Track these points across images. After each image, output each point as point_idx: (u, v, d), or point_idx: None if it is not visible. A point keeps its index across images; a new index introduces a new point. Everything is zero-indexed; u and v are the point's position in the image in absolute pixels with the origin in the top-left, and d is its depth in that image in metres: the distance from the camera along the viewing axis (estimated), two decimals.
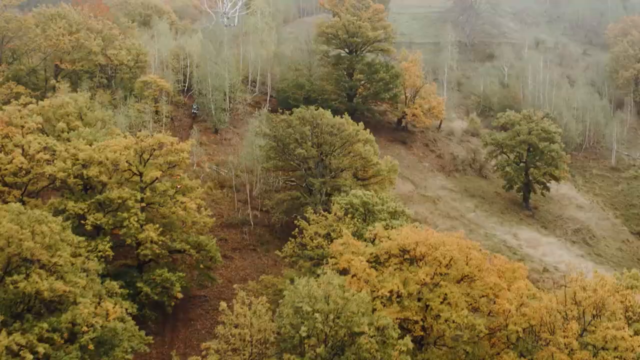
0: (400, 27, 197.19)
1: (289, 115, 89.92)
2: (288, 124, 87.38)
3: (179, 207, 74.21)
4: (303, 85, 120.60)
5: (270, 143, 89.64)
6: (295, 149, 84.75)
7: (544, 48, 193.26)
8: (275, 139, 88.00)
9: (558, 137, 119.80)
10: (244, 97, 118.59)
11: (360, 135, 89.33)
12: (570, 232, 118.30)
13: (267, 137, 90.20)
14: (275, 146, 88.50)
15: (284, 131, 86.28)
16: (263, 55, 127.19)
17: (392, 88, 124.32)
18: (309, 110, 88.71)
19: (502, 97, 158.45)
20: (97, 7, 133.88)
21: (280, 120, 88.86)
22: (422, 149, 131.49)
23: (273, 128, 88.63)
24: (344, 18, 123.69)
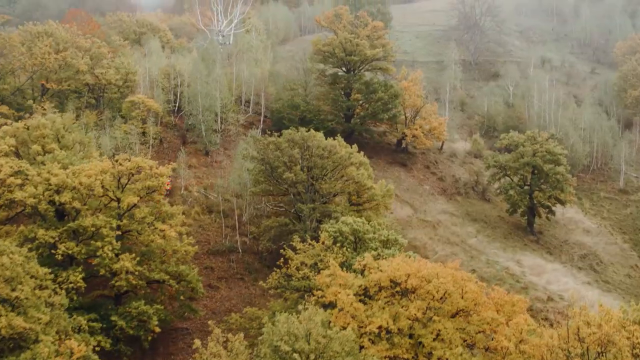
0: (403, 45, 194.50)
1: (278, 137, 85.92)
2: (277, 146, 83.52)
3: (158, 235, 70.35)
4: (298, 105, 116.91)
5: (258, 166, 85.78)
6: (283, 173, 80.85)
7: (551, 67, 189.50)
8: (263, 162, 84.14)
9: (564, 159, 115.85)
10: (237, 118, 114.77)
11: (353, 158, 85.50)
12: (576, 258, 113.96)
13: (254, 160, 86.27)
14: (264, 170, 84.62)
15: (272, 154, 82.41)
16: (257, 75, 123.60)
17: (391, 108, 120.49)
18: (299, 132, 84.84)
19: (506, 117, 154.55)
20: (88, 24, 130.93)
21: (269, 142, 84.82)
22: (422, 171, 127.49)
23: (261, 151, 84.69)
24: (341, 36, 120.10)
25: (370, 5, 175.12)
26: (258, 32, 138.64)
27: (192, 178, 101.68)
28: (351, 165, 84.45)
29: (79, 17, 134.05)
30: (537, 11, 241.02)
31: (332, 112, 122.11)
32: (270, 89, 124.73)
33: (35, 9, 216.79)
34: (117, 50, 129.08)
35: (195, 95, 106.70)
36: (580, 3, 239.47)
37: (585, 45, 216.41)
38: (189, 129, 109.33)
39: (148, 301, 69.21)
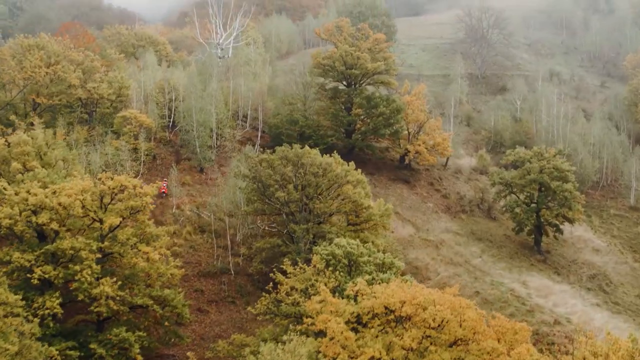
0: (409, 58, 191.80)
1: (271, 155, 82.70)
2: (269, 164, 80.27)
3: (141, 257, 67.10)
4: (297, 120, 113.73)
5: (250, 185, 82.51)
6: (275, 191, 77.55)
7: (559, 80, 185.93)
8: (255, 180, 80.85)
9: (572, 176, 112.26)
10: (233, 134, 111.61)
11: (349, 176, 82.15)
12: (585, 279, 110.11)
13: (246, 178, 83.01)
14: (256, 188, 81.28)
15: (264, 172, 79.13)
16: (255, 89, 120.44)
17: (392, 123, 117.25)
18: (293, 149, 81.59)
19: (513, 132, 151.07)
20: (83, 37, 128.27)
21: (261, 160, 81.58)
22: (426, 188, 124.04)
23: (252, 169, 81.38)
24: (341, 48, 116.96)
25: (374, 17, 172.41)
26: (257, 45, 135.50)
27: (185, 196, 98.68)
28: (347, 183, 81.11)
29: (74, 29, 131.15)
30: (546, 24, 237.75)
31: (333, 128, 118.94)
32: (269, 103, 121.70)
33: (37, 22, 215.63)
34: (112, 63, 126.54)
35: (189, 110, 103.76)
36: (590, 15, 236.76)
37: (595, 58, 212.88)
38: (183, 145, 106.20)
39: (131, 327, 65.86)
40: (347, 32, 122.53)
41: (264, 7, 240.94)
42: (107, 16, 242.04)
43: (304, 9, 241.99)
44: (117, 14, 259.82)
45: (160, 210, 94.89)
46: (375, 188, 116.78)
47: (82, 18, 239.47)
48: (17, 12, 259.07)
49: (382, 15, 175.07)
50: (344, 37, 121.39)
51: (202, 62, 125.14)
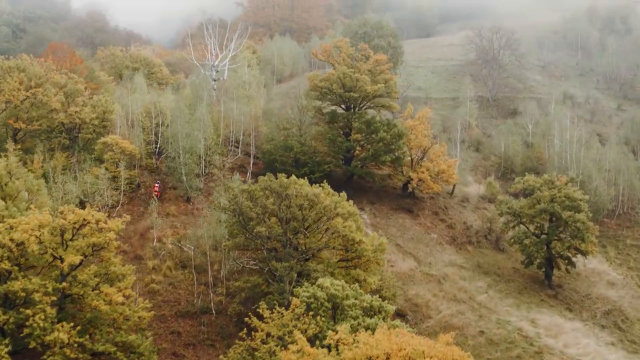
0: (417, 81, 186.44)
1: (252, 185, 76.84)
2: (250, 195, 74.31)
3: (102, 300, 61.24)
4: (291, 146, 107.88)
5: (231, 218, 76.58)
6: (256, 226, 71.59)
7: (574, 103, 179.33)
8: (235, 213, 74.91)
9: (585, 205, 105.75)
10: (222, 161, 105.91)
11: (340, 208, 75.99)
12: (599, 315, 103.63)
13: (226, 211, 77.05)
14: (237, 221, 75.31)
15: (245, 204, 73.15)
16: (250, 113, 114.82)
17: (394, 149, 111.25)
18: (278, 179, 75.67)
19: (525, 158, 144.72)
20: (70, 58, 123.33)
21: (241, 190, 75.61)
22: (430, 218, 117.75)
23: (232, 200, 75.40)
24: (339, 70, 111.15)
25: (380, 38, 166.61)
26: (251, 66, 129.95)
27: (169, 228, 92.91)
28: (337, 216, 74.92)
29: (61, 51, 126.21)
30: (561, 45, 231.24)
31: (330, 154, 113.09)
32: (263, 128, 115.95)
33: (40, 44, 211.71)
34: (100, 86, 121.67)
35: (175, 136, 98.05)
36: (606, 36, 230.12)
37: (611, 80, 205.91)
38: (169, 172, 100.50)
39: None
40: (346, 52, 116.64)
41: (270, 28, 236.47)
42: (113, 38, 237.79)
43: (310, 30, 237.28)
44: (123, 36, 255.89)
45: (140, 243, 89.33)
46: (375, 218, 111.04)
47: (87, 40, 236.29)
48: (20, 34, 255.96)
49: (388, 36, 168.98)
50: (342, 58, 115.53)
51: (195, 84, 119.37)
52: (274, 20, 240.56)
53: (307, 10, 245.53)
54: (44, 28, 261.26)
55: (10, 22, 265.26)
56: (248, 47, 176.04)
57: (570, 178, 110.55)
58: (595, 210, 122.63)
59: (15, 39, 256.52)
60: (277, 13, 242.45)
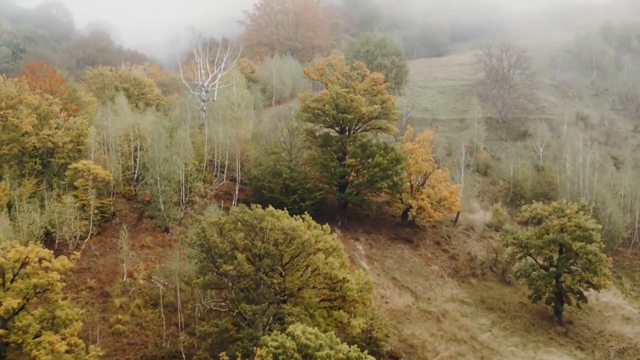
0: (424, 102, 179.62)
1: (222, 217, 69.98)
2: (219, 228, 67.40)
3: (44, 349, 54.37)
4: (280, 172, 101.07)
5: (200, 254, 69.66)
6: (222, 264, 64.67)
7: (587, 124, 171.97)
8: (203, 248, 68.00)
9: (597, 236, 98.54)
10: (204, 188, 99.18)
11: (321, 243, 69.00)
12: (613, 354, 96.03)
13: (194, 246, 70.08)
14: (206, 257, 68.38)
15: (213, 239, 66.23)
16: (238, 135, 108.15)
17: (391, 175, 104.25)
18: (253, 210, 68.75)
19: (535, 183, 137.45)
20: (50, 78, 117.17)
21: (210, 223, 68.67)
22: (431, 249, 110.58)
23: (200, 234, 68.44)
24: (332, 90, 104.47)
25: (384, 57, 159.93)
26: (240, 86, 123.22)
27: (142, 261, 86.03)
28: (318, 252, 67.93)
29: (40, 70, 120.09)
30: (575, 64, 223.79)
31: (322, 180, 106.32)
32: (253, 152, 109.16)
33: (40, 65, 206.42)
34: (80, 108, 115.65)
35: (152, 161, 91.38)
36: (622, 55, 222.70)
37: (627, 100, 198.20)
38: (145, 200, 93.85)
39: None
40: (341, 71, 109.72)
41: (273, 47, 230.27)
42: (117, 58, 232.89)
43: (315, 49, 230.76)
44: (127, 56, 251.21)
45: (109, 278, 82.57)
46: (371, 249, 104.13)
47: (88, 61, 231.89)
48: (20, 55, 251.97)
49: (392, 54, 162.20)
50: (336, 77, 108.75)
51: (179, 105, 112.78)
52: (277, 39, 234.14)
53: (312, 29, 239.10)
54: (45, 48, 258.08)
55: (10, 42, 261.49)
56: (246, 67, 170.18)
57: (582, 205, 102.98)
58: (610, 238, 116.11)
59: (15, 59, 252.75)
60: (281, 32, 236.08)
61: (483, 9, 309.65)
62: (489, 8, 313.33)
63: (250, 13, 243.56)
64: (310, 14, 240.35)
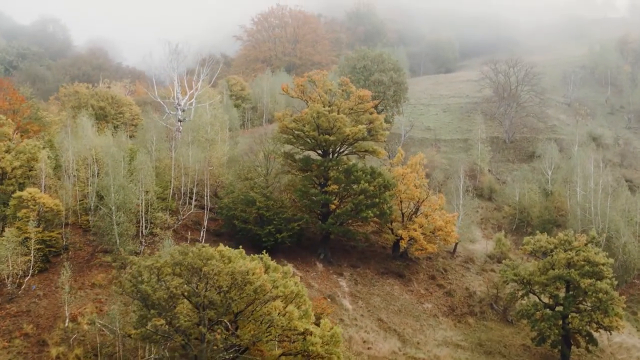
0: (427, 120, 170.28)
1: (159, 259, 60.49)
2: (157, 273, 57.90)
3: None
4: (253, 200, 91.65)
5: (136, 302, 60.19)
6: (155, 315, 55.14)
7: (601, 144, 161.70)
8: (137, 295, 58.52)
9: (608, 271, 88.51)
10: (170, 218, 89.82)
11: (280, 288, 59.40)
12: None
13: (128, 294, 60.54)
14: (142, 306, 58.86)
15: (145, 286, 56.71)
16: (209, 159, 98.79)
17: (378, 203, 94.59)
18: (198, 249, 59.22)
19: (542, 209, 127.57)
20: (12, 96, 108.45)
21: (145, 267, 59.15)
22: (425, 284, 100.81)
23: (132, 280, 58.91)
24: (313, 108, 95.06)
25: (381, 73, 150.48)
26: (213, 106, 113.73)
27: (91, 302, 76.56)
28: (276, 299, 58.38)
29: (2, 88, 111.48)
30: (589, 80, 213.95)
31: (302, 209, 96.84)
32: (227, 177, 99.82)
33: (32, 82, 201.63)
34: (42, 129, 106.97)
35: (106, 189, 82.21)
36: (639, 71, 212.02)
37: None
38: (100, 233, 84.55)
39: None
40: (323, 88, 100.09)
41: (271, 63, 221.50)
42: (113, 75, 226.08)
43: (315, 65, 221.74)
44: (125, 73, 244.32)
45: (49, 322, 73.11)
46: (356, 286, 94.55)
47: (83, 78, 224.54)
48: (13, 72, 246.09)
49: (390, 70, 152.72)
50: (318, 94, 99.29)
51: (144, 125, 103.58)
52: (275, 54, 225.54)
53: (312, 45, 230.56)
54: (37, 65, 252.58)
55: (3, 59, 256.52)
56: (235, 84, 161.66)
57: (592, 237, 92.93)
58: (624, 270, 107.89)
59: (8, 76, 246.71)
60: (279, 47, 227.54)
61: (494, 24, 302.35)
62: (500, 23, 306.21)
63: (247, 28, 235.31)
64: (309, 29, 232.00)
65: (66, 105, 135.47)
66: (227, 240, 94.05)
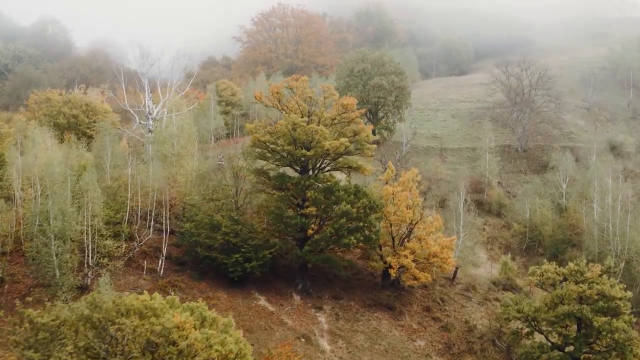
0: (434, 127, 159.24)
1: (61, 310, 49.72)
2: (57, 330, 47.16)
3: None
4: (219, 224, 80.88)
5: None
6: None
7: (622, 153, 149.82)
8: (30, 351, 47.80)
9: (626, 306, 77.27)
10: (116, 247, 78.99)
11: (214, 348, 48.45)
12: None
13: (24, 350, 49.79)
14: None
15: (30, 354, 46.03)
16: (173, 177, 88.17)
17: (362, 227, 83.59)
18: (114, 301, 48.44)
19: (555, 228, 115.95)
20: None
21: (42, 325, 48.30)
22: (418, 317, 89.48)
23: (27, 341, 48.14)
24: (288, 120, 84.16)
25: (381, 77, 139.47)
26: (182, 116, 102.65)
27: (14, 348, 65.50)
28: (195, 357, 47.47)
29: None
30: (610, 83, 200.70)
31: (275, 234, 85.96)
32: (193, 197, 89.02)
33: (26, 87, 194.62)
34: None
35: (44, 214, 71.77)
36: None
37: None
38: (36, 264, 74.02)
39: None
40: (301, 95, 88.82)
41: (272, 66, 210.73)
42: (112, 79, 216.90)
43: (319, 67, 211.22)
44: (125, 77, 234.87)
45: None
46: (337, 321, 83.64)
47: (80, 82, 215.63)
48: (7, 75, 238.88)
49: (391, 73, 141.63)
50: (296, 102, 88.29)
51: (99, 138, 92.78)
52: (276, 56, 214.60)
53: (316, 46, 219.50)
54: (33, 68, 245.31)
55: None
56: (225, 88, 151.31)
57: (607, 267, 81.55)
58: None
59: (3, 80, 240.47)
60: (280, 48, 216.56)
61: (511, 24, 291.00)
62: (517, 22, 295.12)
63: (247, 29, 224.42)
64: (312, 29, 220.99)
65: (36, 114, 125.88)
66: (191, 269, 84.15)
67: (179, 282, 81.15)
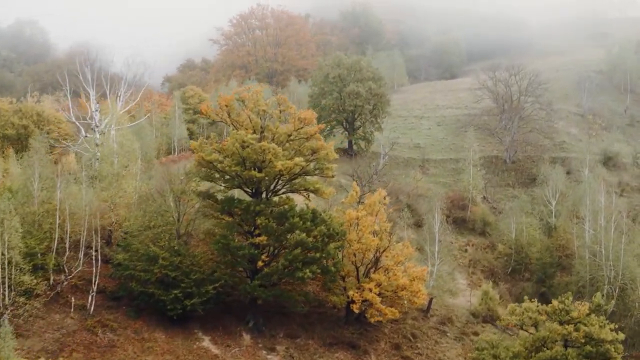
0: (417, 136, 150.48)
1: None
2: None
3: None
4: (156, 256, 71.83)
5: None
6: None
7: (617, 164, 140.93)
8: None
9: (618, 349, 68.71)
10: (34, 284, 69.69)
11: None
12: None
13: None
14: None
15: None
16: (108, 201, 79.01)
17: (319, 259, 74.63)
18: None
19: (543, 250, 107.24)
20: None
21: None
22: (386, 356, 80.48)
23: None
24: (236, 136, 75.15)
25: (357, 83, 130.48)
26: (122, 130, 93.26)
27: None
28: None
29: None
30: (607, 87, 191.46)
31: (221, 266, 76.88)
32: (132, 222, 79.73)
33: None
34: None
35: None
36: None
37: None
38: None
39: None
40: (255, 108, 79.51)
41: (250, 70, 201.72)
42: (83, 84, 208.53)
43: (300, 71, 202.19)
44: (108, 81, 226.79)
45: None
46: None
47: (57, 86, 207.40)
48: None
49: (368, 80, 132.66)
50: (247, 115, 79.23)
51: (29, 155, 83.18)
52: (254, 59, 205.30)
53: (296, 48, 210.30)
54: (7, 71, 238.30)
55: None
56: (193, 95, 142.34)
57: (596, 305, 72.86)
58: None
59: None
60: (259, 51, 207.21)
61: (511, 24, 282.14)
62: (517, 23, 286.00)
63: (225, 30, 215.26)
64: (293, 31, 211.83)
65: None
66: (126, 305, 75.30)
67: (110, 322, 72.11)
